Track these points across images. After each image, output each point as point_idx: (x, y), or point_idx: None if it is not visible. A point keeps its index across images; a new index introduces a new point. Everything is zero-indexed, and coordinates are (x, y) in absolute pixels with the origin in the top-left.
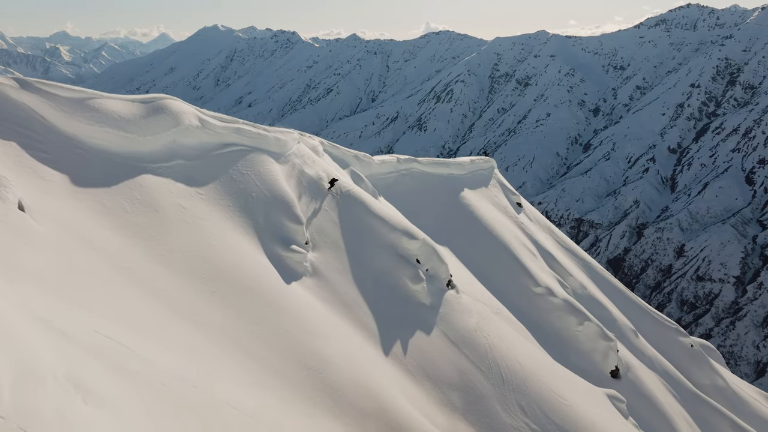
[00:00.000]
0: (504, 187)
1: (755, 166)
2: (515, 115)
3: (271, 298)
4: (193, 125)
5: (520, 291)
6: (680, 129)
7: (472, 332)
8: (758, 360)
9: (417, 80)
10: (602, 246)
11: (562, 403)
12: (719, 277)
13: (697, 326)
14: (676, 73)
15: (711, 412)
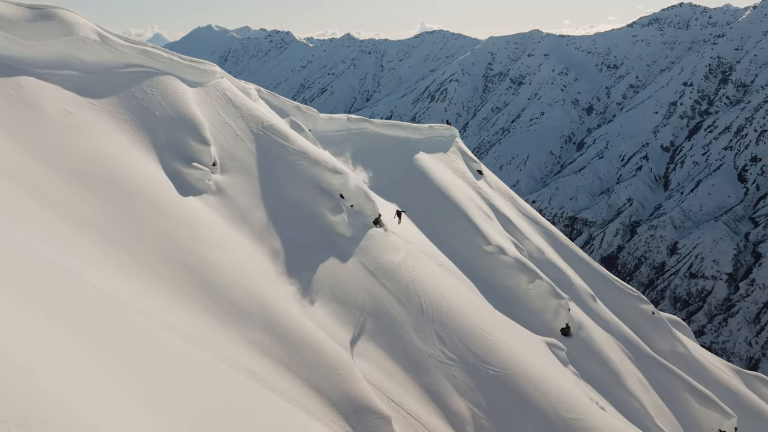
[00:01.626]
0: (464, 154)
1: (747, 164)
2: (509, 114)
3: (159, 205)
4: (91, 39)
5: (470, 249)
6: (673, 127)
7: (395, 266)
8: (750, 356)
9: (411, 80)
10: (596, 244)
11: (486, 337)
12: (712, 274)
13: (690, 323)
14: (669, 71)
15: (666, 374)
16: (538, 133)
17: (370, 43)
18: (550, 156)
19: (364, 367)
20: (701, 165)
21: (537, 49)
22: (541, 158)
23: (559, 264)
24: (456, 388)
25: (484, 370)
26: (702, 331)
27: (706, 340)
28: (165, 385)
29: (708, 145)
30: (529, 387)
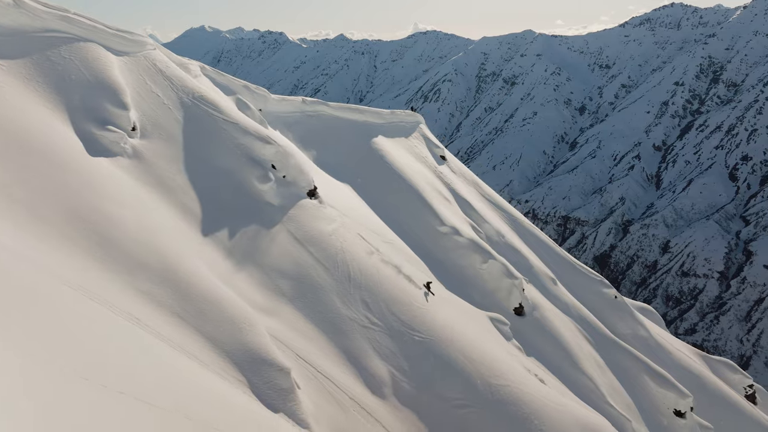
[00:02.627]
0: (428, 140)
1: (738, 163)
2: (502, 114)
3: (65, 163)
4: (5, 2)
5: (425, 229)
6: (665, 126)
7: (325, 235)
8: (742, 354)
9: (404, 80)
10: (588, 243)
11: (417, 307)
12: (703, 272)
13: (682, 321)
14: (661, 71)
15: (624, 355)
16: (531, 132)
17: (364, 44)
18: (543, 156)
19: (275, 326)
20: (693, 164)
21: (530, 49)
22: (534, 158)
23: (519, 247)
24: (377, 351)
25: (410, 336)
26: (694, 329)
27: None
28: (41, 330)
29: (699, 144)
30: (456, 353)
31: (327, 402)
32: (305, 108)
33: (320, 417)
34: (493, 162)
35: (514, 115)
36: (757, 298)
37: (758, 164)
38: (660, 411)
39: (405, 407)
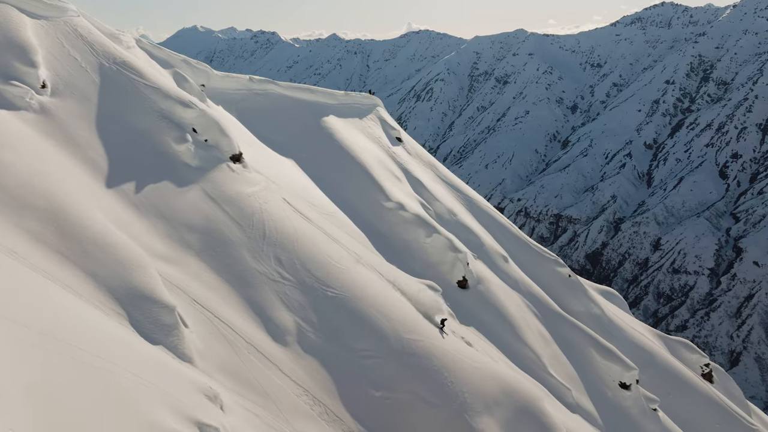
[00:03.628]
0: (384, 122)
1: (728, 160)
2: (494, 113)
3: None
4: None
5: (369, 204)
6: (656, 125)
7: (243, 196)
8: (732, 350)
9: (397, 79)
10: (580, 241)
11: (334, 265)
12: (694, 269)
13: (673, 318)
14: (652, 69)
15: (572, 330)
16: (523, 131)
17: (356, 43)
18: (535, 154)
19: (174, 274)
20: (683, 162)
21: (522, 49)
22: (527, 156)
23: (471, 226)
24: (284, 303)
25: (323, 291)
26: (685, 325)
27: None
28: None
29: (690, 142)
30: (370, 309)
31: (219, 344)
32: (252, 86)
33: (208, 355)
34: (485, 161)
35: (507, 114)
36: (747, 295)
37: (748, 162)
38: (605, 383)
39: (308, 355)
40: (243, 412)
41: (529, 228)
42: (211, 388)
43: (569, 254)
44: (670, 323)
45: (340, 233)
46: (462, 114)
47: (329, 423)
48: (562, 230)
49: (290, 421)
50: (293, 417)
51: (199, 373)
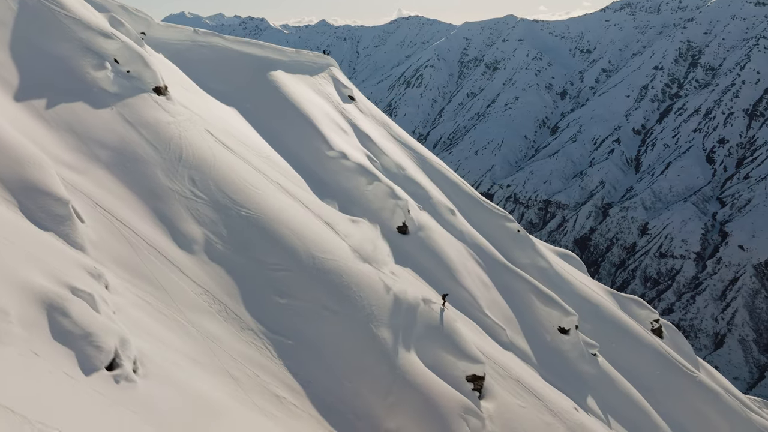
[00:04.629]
0: (336, 80)
1: (715, 146)
2: (484, 99)
3: None
4: None
5: (312, 153)
6: (644, 110)
7: (162, 123)
8: (716, 332)
9: (387, 66)
10: (569, 226)
11: (251, 189)
12: (681, 253)
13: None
14: (641, 55)
15: (514, 278)
16: (513, 117)
17: (346, 30)
18: (524, 140)
19: (80, 181)
20: (671, 147)
21: (511, 34)
22: (516, 143)
23: (420, 180)
24: (195, 218)
25: (236, 210)
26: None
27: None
28: None
29: (678, 127)
30: (284, 229)
31: (118, 242)
32: (197, 38)
33: (102, 247)
34: (475, 147)
35: (496, 101)
36: (731, 278)
37: (734, 147)
38: (544, 327)
39: (213, 262)
40: (132, 297)
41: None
42: (96, 268)
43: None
44: (656, 306)
45: (270, 169)
46: (452, 100)
47: (227, 320)
48: (551, 216)
49: (184, 312)
50: (188, 310)
51: (88, 258)
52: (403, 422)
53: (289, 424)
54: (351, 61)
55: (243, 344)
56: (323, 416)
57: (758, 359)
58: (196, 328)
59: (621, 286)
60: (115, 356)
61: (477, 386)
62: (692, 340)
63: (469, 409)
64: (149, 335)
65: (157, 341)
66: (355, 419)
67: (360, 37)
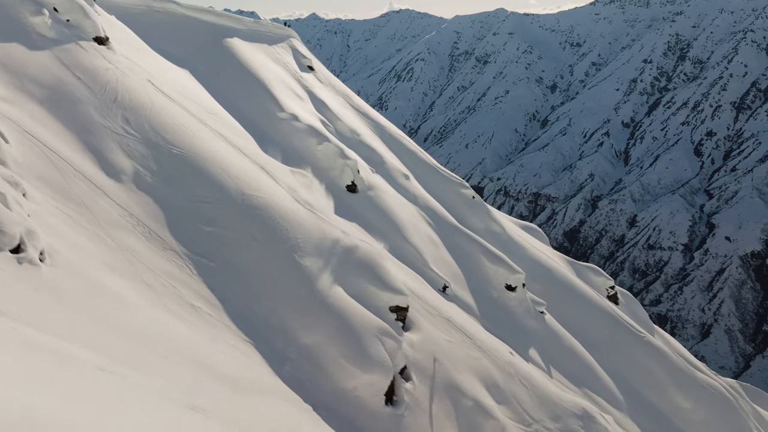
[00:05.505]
0: (296, 51)
1: (703, 138)
2: (475, 92)
3: None
4: None
5: (263, 114)
6: (633, 104)
7: (101, 69)
8: (703, 322)
9: (378, 59)
10: (558, 219)
11: (186, 133)
12: (669, 245)
13: (647, 293)
14: (630, 49)
15: (464, 239)
16: (503, 111)
17: (336, 23)
18: (514, 134)
19: (8, 109)
20: (660, 140)
21: (502, 28)
22: (506, 136)
23: (374, 146)
24: (125, 152)
25: (168, 149)
26: (659, 300)
27: (663, 308)
28: None
29: (666, 120)
30: (214, 167)
31: (43, 164)
32: (152, 3)
33: (26, 166)
34: (465, 140)
35: (487, 94)
36: (718, 269)
37: (722, 140)
38: (491, 285)
39: (141, 191)
40: (51, 208)
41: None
42: (13, 177)
43: (548, 232)
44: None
45: (213, 122)
46: (442, 94)
47: (149, 240)
48: (540, 209)
49: (105, 228)
50: (109, 226)
51: (8, 170)
52: (318, 339)
53: (203, 329)
54: (342, 54)
55: (163, 261)
56: (238, 327)
57: (744, 349)
58: (116, 242)
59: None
60: (21, 243)
61: (400, 317)
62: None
63: (385, 332)
64: (63, 239)
65: (71, 245)
66: (270, 332)
67: (351, 31)
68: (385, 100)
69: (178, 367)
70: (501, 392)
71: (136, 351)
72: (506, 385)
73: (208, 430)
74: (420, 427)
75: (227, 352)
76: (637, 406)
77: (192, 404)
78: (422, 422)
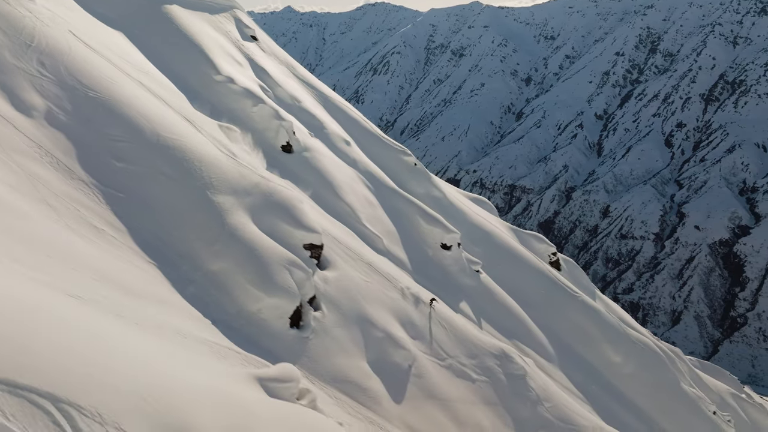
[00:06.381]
0: (239, 21)
1: (674, 130)
2: (451, 85)
3: None
4: None
5: (199, 77)
6: (606, 96)
7: (17, 15)
8: (674, 309)
9: (354, 53)
10: (534, 210)
11: (105, 79)
12: (641, 234)
13: (620, 281)
14: (603, 42)
15: (402, 201)
16: (479, 104)
17: (312, 16)
18: (490, 126)
19: None
20: (632, 132)
21: (477, 21)
22: (482, 128)
23: (315, 112)
24: (39, 92)
25: (84, 92)
26: (631, 288)
27: (635, 296)
28: None
29: (638, 112)
30: (132, 112)
31: None
32: None
33: None
34: (442, 133)
35: (462, 87)
36: (688, 257)
37: (691, 131)
38: (427, 244)
39: (52, 127)
40: None
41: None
42: None
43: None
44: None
45: (141, 76)
46: (419, 87)
47: (57, 170)
48: (516, 200)
49: (11, 155)
50: (16, 154)
51: None
52: (225, 266)
53: (105, 248)
54: (317, 47)
55: (70, 188)
56: (144, 251)
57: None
58: (21, 168)
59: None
60: None
61: (314, 254)
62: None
63: (295, 263)
64: None
65: None
66: (176, 258)
67: (326, 24)
68: (362, 93)
69: (71, 271)
70: (417, 329)
71: (30, 255)
72: (423, 324)
73: (80, 313)
74: (325, 350)
75: (128, 269)
76: (569, 359)
77: (71, 293)
78: (328, 346)
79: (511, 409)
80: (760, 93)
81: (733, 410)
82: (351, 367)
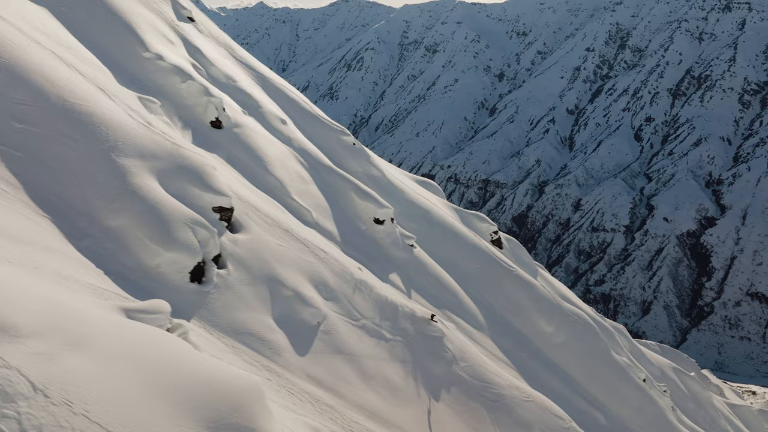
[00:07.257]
0: (176, 3)
1: (642, 124)
2: (424, 81)
3: None
4: None
5: (126, 54)
6: (577, 91)
7: None
8: (644, 300)
9: (327, 49)
10: (507, 204)
11: (11, 45)
12: (611, 227)
13: (592, 273)
14: (573, 38)
15: (337, 178)
16: (453, 99)
17: (285, 12)
18: (464, 122)
19: None
20: (602, 126)
21: (450, 17)
22: (456, 124)
23: (251, 92)
24: None
25: None
26: (603, 279)
27: (606, 287)
28: None
29: (608, 107)
30: (37, 77)
31: None
32: None
33: None
34: (416, 129)
35: (436, 83)
36: (657, 248)
37: (660, 125)
38: (360, 219)
39: None
40: None
41: (458, 194)
42: None
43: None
44: (589, 278)
45: (59, 48)
46: (393, 83)
47: None
48: (490, 195)
49: None
50: None
51: None
52: (124, 222)
53: None
54: (291, 44)
55: None
56: (38, 206)
57: (681, 323)
58: None
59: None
60: None
61: (224, 217)
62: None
63: (199, 222)
64: None
65: None
66: (73, 213)
67: (299, 20)
68: (336, 89)
69: None
70: (331, 291)
71: None
72: (339, 286)
73: None
74: (227, 304)
75: (17, 219)
76: (500, 328)
77: None
78: (230, 301)
79: (424, 368)
80: (724, 88)
81: (672, 382)
82: (253, 321)
